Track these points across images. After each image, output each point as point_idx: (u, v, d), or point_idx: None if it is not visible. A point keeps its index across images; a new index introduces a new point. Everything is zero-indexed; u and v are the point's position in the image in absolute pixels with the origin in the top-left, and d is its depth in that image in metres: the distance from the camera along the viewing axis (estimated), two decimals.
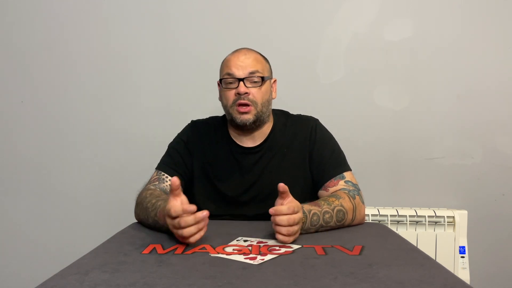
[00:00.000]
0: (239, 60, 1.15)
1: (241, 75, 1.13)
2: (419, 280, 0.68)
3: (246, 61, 1.15)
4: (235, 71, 1.14)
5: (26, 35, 1.71)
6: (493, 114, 1.65)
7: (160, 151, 1.25)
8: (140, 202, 1.10)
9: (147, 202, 1.06)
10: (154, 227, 1.01)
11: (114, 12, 1.69)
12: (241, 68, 1.14)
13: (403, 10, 1.65)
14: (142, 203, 1.08)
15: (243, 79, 1.13)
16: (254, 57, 1.17)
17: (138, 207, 1.11)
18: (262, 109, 1.16)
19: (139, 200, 1.11)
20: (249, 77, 1.13)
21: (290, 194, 0.92)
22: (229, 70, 1.14)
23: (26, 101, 1.73)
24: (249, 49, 1.20)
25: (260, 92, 1.15)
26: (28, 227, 1.75)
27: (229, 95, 1.15)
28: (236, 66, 1.14)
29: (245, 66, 1.14)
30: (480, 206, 1.66)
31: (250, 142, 1.21)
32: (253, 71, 1.14)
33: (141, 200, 1.10)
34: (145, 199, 1.08)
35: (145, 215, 1.04)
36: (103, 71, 1.71)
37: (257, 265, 0.75)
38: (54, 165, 1.74)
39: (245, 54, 1.17)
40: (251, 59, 1.16)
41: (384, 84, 1.67)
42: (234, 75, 1.14)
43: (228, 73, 1.14)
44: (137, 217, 1.12)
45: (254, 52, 1.20)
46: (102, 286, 0.65)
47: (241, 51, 1.18)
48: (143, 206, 1.06)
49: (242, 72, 1.13)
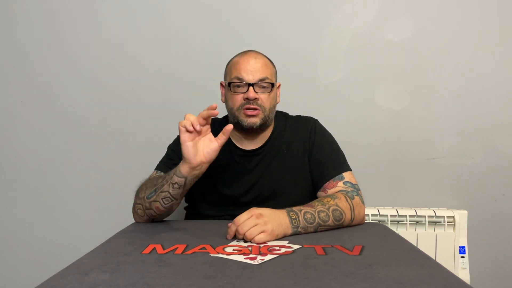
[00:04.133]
0: (249, 64, 1.14)
1: (251, 80, 1.12)
2: (419, 280, 0.68)
3: (256, 65, 1.14)
4: (244, 76, 1.12)
5: (26, 35, 1.71)
6: (493, 114, 1.65)
7: (160, 151, 1.25)
8: (143, 186, 1.10)
9: (153, 179, 1.09)
10: (164, 191, 1.03)
11: (114, 13, 1.69)
12: (251, 73, 1.13)
13: (403, 10, 1.65)
14: (146, 184, 1.10)
15: (252, 84, 1.12)
16: (264, 62, 1.16)
17: (142, 191, 1.09)
18: (269, 114, 1.16)
19: (141, 188, 1.11)
20: (259, 83, 1.13)
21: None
22: (238, 74, 1.13)
23: (26, 101, 1.73)
24: (257, 53, 1.19)
25: (269, 98, 1.15)
26: (28, 227, 1.75)
27: (237, 98, 1.14)
28: (246, 71, 1.13)
29: (255, 71, 1.13)
30: (480, 206, 1.66)
31: (251, 145, 1.21)
32: (263, 78, 1.13)
33: (144, 183, 1.11)
34: (149, 181, 1.11)
35: (154, 185, 1.05)
36: (103, 71, 1.71)
37: (257, 265, 0.75)
38: (54, 165, 1.74)
39: (255, 58, 1.15)
40: (260, 63, 1.15)
41: (384, 84, 1.67)
42: (244, 79, 1.12)
43: (237, 77, 1.13)
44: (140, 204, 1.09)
45: (263, 56, 1.19)
46: (102, 286, 0.65)
47: (251, 55, 1.16)
48: (151, 183, 1.08)
49: (252, 77, 1.12)
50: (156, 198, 1.04)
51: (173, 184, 1.01)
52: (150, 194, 1.06)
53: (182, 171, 0.99)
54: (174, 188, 1.01)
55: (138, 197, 1.10)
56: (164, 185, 1.03)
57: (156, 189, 1.04)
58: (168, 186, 1.02)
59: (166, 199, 1.03)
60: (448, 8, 1.64)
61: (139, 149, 1.71)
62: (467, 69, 1.64)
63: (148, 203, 1.06)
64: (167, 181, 1.02)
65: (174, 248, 0.86)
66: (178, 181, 1.00)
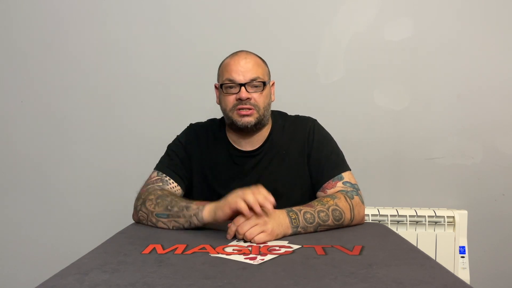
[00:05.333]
0: (239, 64, 1.14)
1: (242, 80, 1.12)
2: (419, 280, 0.68)
3: (247, 65, 1.14)
4: (235, 77, 1.12)
5: (26, 35, 1.71)
6: (493, 114, 1.65)
7: (160, 151, 1.25)
8: (152, 196, 1.08)
9: (168, 198, 1.06)
10: (178, 223, 1.02)
11: (114, 13, 1.69)
12: (241, 73, 1.13)
13: (403, 10, 1.65)
14: (157, 195, 1.08)
15: (244, 84, 1.12)
16: (254, 61, 1.16)
17: (150, 202, 1.08)
18: (264, 113, 1.16)
19: (148, 197, 1.09)
20: (250, 82, 1.13)
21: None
22: (229, 75, 1.13)
23: (26, 101, 1.73)
24: (248, 52, 1.19)
25: (261, 96, 1.15)
26: (28, 227, 1.75)
27: (229, 99, 1.14)
28: (237, 72, 1.13)
29: (246, 71, 1.13)
30: (480, 206, 1.66)
31: (249, 146, 1.20)
32: (254, 77, 1.13)
33: (153, 193, 1.09)
34: (161, 194, 1.08)
35: (167, 209, 1.04)
36: (103, 71, 1.71)
37: (257, 265, 0.75)
38: (54, 165, 1.74)
39: (245, 58, 1.15)
40: (251, 63, 1.15)
41: (384, 84, 1.67)
42: (235, 80, 1.12)
43: (228, 78, 1.13)
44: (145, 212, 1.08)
45: (254, 56, 1.19)
46: (102, 286, 0.65)
47: (241, 55, 1.17)
48: (163, 202, 1.06)
49: (243, 77, 1.12)
50: (167, 222, 1.04)
51: (191, 223, 1.01)
52: (161, 214, 1.05)
53: (205, 219, 0.99)
54: (190, 226, 1.02)
55: (144, 206, 1.09)
56: (180, 218, 1.02)
57: (169, 215, 1.04)
58: (184, 222, 1.02)
59: (176, 227, 1.04)
60: (448, 8, 1.64)
61: (139, 149, 1.71)
62: (467, 69, 1.64)
63: (155, 219, 1.06)
64: (185, 217, 1.01)
65: (174, 248, 0.86)
66: (196, 224, 1.01)
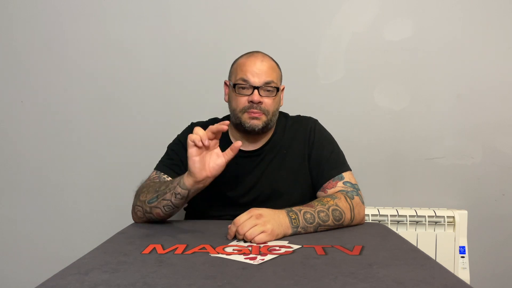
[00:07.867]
0: (255, 66, 1.13)
1: (256, 83, 1.12)
2: (419, 280, 0.68)
3: (262, 68, 1.13)
4: (250, 78, 1.12)
5: (26, 35, 1.71)
6: (493, 114, 1.65)
7: (160, 151, 1.25)
8: (144, 188, 1.10)
9: (156, 184, 1.08)
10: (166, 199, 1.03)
11: (114, 12, 1.69)
12: (257, 75, 1.12)
13: (403, 10, 1.65)
14: (148, 187, 1.09)
15: (258, 87, 1.12)
16: (270, 64, 1.16)
17: (143, 194, 1.09)
18: (272, 118, 1.16)
19: (142, 190, 1.10)
20: (265, 86, 1.13)
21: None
22: (244, 75, 1.13)
23: (26, 101, 1.73)
24: (264, 55, 1.18)
25: (273, 102, 1.15)
26: (28, 227, 1.75)
27: (241, 100, 1.14)
28: (252, 73, 1.12)
29: (261, 74, 1.12)
30: (480, 206, 1.66)
31: (251, 146, 1.21)
32: (269, 81, 1.13)
33: (145, 185, 1.11)
34: (150, 184, 1.10)
35: (156, 191, 1.05)
36: (103, 71, 1.71)
37: (257, 265, 0.75)
38: (54, 165, 1.74)
39: (261, 60, 1.15)
40: (267, 66, 1.14)
41: (384, 84, 1.67)
42: (250, 82, 1.12)
43: (243, 78, 1.13)
44: (140, 206, 1.09)
45: (270, 59, 1.18)
46: (102, 286, 0.65)
47: (257, 56, 1.16)
48: (152, 188, 1.07)
49: (258, 80, 1.12)
50: (158, 204, 1.04)
51: (176, 194, 1.01)
52: (151, 199, 1.06)
53: (186, 184, 0.98)
54: (176, 198, 1.01)
55: (138, 199, 1.10)
56: (167, 194, 1.02)
57: (158, 196, 1.04)
58: (171, 195, 1.02)
59: (168, 207, 1.03)
60: (448, 8, 1.64)
61: (138, 149, 1.71)
62: (467, 69, 1.64)
63: (148, 207, 1.06)
64: (170, 190, 1.02)
65: (174, 248, 0.86)
66: (181, 192, 1.00)
